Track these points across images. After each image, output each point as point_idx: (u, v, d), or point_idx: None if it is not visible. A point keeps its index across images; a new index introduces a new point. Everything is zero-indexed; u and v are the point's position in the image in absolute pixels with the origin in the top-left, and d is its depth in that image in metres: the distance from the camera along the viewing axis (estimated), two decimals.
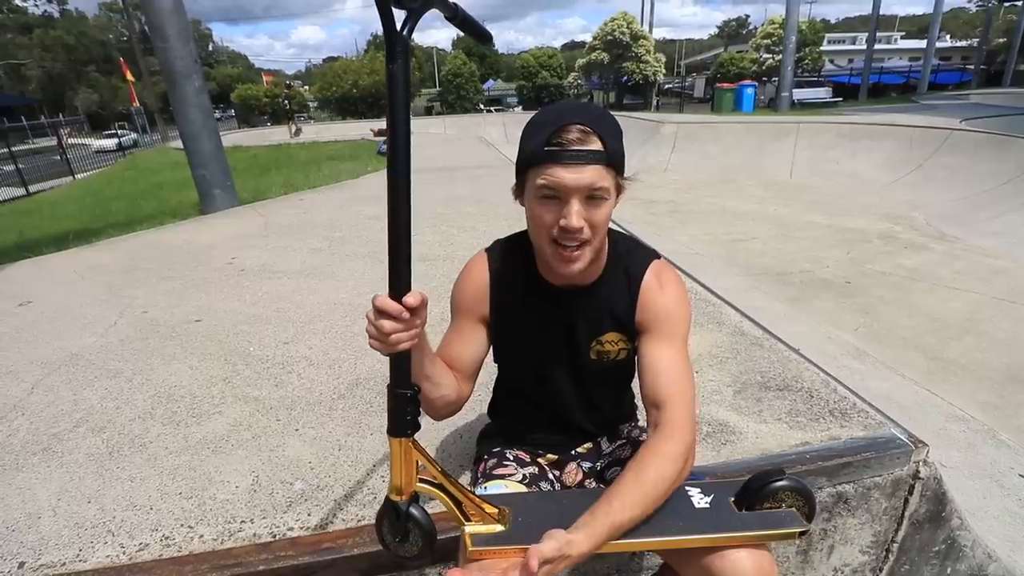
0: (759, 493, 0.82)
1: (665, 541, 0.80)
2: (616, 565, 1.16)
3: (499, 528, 0.81)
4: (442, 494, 0.80)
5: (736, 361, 1.71)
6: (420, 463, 0.78)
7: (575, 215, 0.77)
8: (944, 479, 1.32)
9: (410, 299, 0.67)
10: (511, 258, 0.95)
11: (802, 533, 0.80)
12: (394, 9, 0.60)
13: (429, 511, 0.80)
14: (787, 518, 0.81)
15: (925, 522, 1.32)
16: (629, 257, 0.93)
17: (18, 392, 1.75)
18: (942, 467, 1.67)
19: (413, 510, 0.78)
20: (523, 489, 0.95)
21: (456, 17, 0.68)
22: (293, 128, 14.63)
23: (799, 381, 1.56)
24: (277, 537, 1.08)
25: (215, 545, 1.07)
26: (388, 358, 0.72)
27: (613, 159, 0.77)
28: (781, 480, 0.82)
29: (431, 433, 1.41)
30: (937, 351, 3.04)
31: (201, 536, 1.10)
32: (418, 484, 0.79)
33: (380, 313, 0.68)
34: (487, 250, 0.98)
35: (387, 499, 0.79)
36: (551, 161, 0.76)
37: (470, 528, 0.80)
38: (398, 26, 0.61)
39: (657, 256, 0.95)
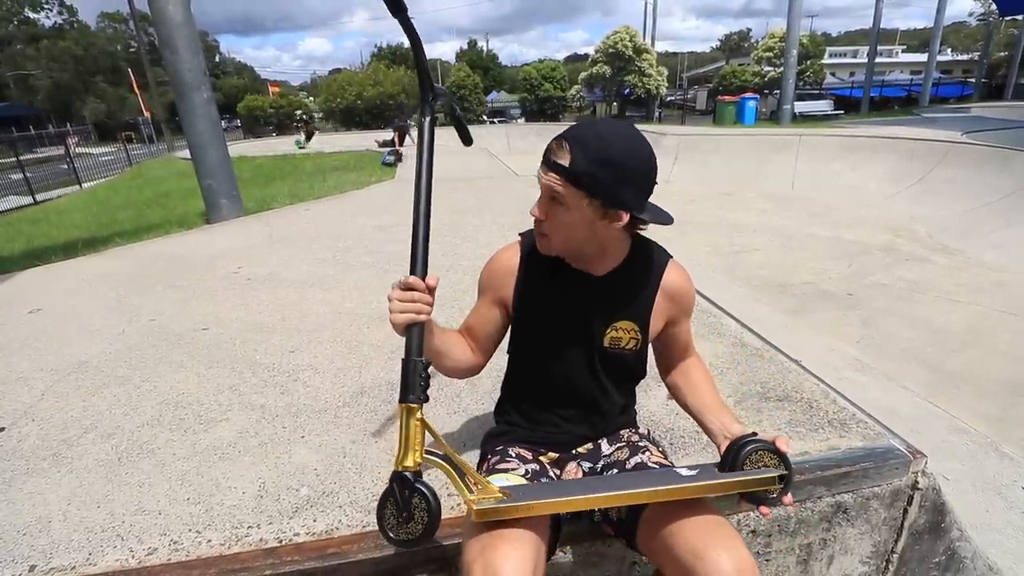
0: (738, 456, 0.89)
1: (654, 492, 0.85)
2: (615, 572, 1.17)
3: (500, 497, 0.85)
4: (447, 466, 0.85)
5: (736, 372, 1.73)
6: (427, 436, 0.84)
7: (536, 206, 0.93)
8: (946, 491, 1.33)
9: (432, 280, 0.89)
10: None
11: (782, 477, 0.88)
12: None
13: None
14: (766, 471, 0.89)
15: (924, 533, 1.33)
16: (650, 256, 1.03)
17: (28, 399, 1.78)
18: (944, 480, 1.67)
19: (420, 485, 0.83)
20: (524, 483, 0.98)
21: (452, 115, 0.98)
22: (303, 137, 15.20)
23: (799, 392, 1.58)
24: (283, 542, 1.10)
25: (222, 550, 1.09)
26: (404, 337, 0.87)
27: (574, 176, 0.85)
28: (755, 442, 0.90)
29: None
30: (939, 363, 3.05)
31: (209, 541, 1.12)
32: (425, 455, 0.84)
33: (409, 289, 0.87)
34: (521, 235, 1.07)
35: (393, 475, 0.83)
36: (543, 160, 0.90)
37: (471, 497, 0.84)
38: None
39: (671, 256, 1.06)
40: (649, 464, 1.00)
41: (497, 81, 47.73)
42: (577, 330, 1.02)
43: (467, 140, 1.12)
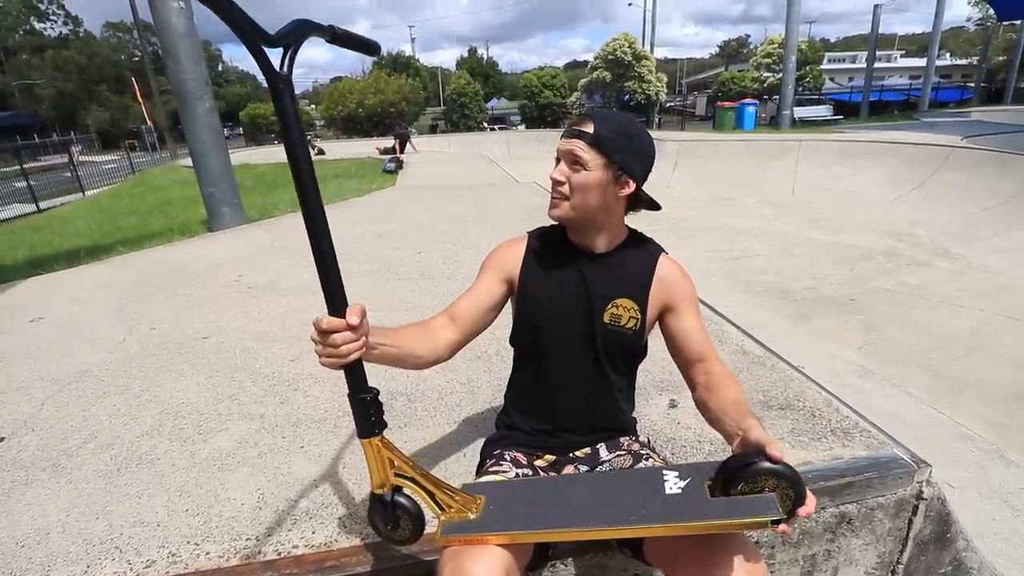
0: (734, 477, 0.75)
1: (624, 530, 0.79)
2: None
3: (471, 516, 0.85)
4: (415, 486, 0.85)
5: (738, 380, 1.72)
6: (394, 461, 0.84)
7: (558, 171, 1.00)
8: (951, 500, 1.31)
9: (353, 318, 0.77)
10: (551, 231, 1.12)
11: (776, 522, 0.71)
12: (267, 50, 0.59)
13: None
14: (762, 505, 0.72)
15: (930, 543, 1.31)
16: (645, 243, 1.11)
17: (29, 408, 1.78)
18: (950, 487, 1.65)
19: (399, 498, 0.86)
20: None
21: (336, 38, 0.71)
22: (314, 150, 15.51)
23: (801, 400, 1.57)
24: (282, 555, 1.09)
25: (221, 563, 1.08)
26: (344, 371, 0.80)
27: (596, 140, 0.96)
28: (757, 463, 0.72)
29: (433, 453, 1.42)
30: (942, 369, 3.03)
31: (207, 553, 1.11)
32: (394, 478, 0.85)
33: (327, 334, 0.76)
34: (528, 231, 1.14)
35: (372, 494, 0.86)
36: (563, 136, 1.01)
37: (443, 517, 0.85)
38: (276, 65, 0.61)
39: (665, 250, 1.12)
40: None
41: (497, 88, 48.00)
42: (579, 305, 1.05)
43: (372, 50, 0.83)
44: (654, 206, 1.06)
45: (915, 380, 2.92)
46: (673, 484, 0.84)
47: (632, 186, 0.99)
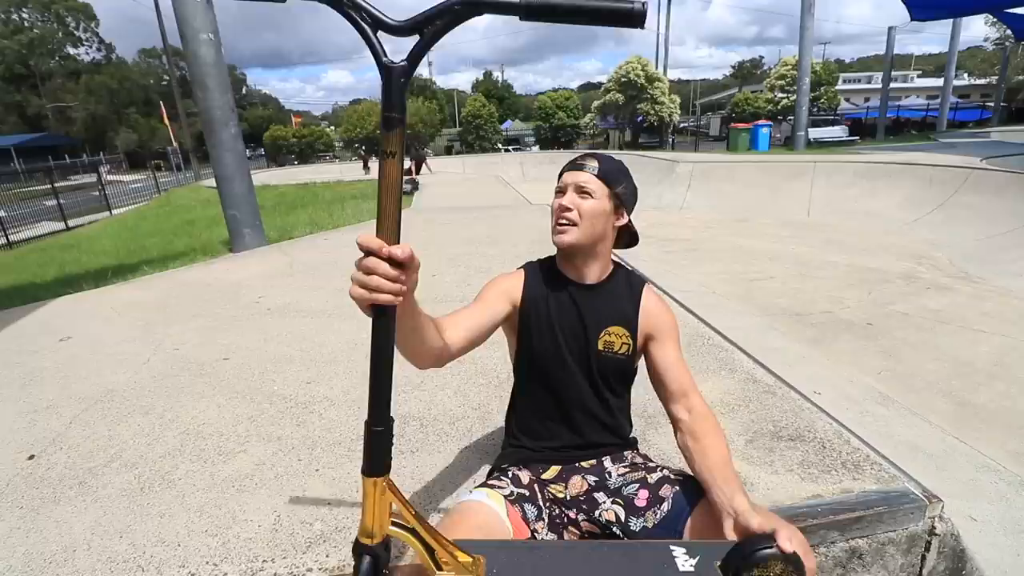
0: (746, 560, 0.80)
1: None
2: None
3: None
4: (415, 540, 0.77)
5: (748, 410, 1.72)
6: (394, 506, 0.76)
7: (567, 199, 1.10)
8: (974, 533, 1.29)
9: (398, 251, 0.64)
10: (542, 265, 1.22)
11: None
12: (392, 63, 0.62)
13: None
14: None
15: None
16: (630, 274, 1.21)
17: (57, 426, 1.85)
18: (972, 521, 1.61)
19: (382, 553, 0.76)
20: (503, 503, 1.01)
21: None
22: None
23: (812, 431, 1.56)
24: None
25: None
26: (370, 391, 0.71)
27: (601, 173, 1.09)
28: (769, 548, 0.79)
29: (444, 479, 1.44)
30: (965, 396, 2.96)
31: (225, 574, 1.14)
32: (391, 528, 0.76)
33: (365, 254, 0.64)
34: (522, 266, 1.23)
35: (360, 548, 0.75)
36: (566, 169, 1.13)
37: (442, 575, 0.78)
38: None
39: (648, 282, 1.22)
40: (671, 476, 1.05)
41: (512, 110, 48.86)
42: (575, 332, 1.13)
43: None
44: (635, 240, 1.19)
45: (936, 408, 2.85)
46: (684, 561, 0.84)
47: (626, 218, 1.13)
